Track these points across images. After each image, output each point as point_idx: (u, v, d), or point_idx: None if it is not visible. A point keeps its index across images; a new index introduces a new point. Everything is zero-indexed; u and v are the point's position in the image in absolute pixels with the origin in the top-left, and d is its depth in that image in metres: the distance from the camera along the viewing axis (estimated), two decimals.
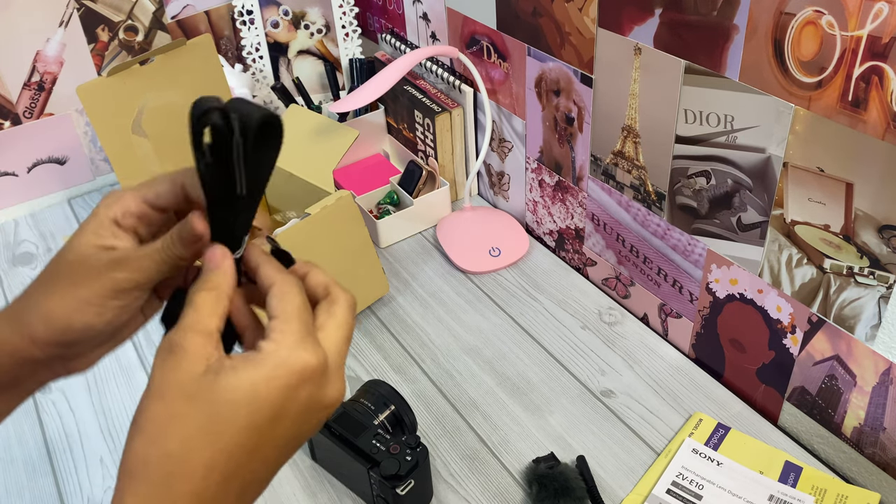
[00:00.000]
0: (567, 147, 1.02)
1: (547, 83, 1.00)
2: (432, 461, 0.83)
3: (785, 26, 0.67)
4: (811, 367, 0.80)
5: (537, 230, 1.17)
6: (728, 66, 0.74)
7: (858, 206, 0.68)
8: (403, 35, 1.30)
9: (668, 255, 0.93)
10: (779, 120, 0.72)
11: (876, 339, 0.72)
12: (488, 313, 1.02)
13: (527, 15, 0.98)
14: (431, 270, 1.11)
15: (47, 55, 1.22)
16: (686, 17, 0.76)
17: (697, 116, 0.80)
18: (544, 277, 1.08)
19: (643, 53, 0.83)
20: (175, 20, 1.30)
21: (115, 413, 0.92)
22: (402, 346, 0.98)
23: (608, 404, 0.88)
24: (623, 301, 1.04)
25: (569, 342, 0.97)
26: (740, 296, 0.85)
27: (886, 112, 0.62)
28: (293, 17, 1.32)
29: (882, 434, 0.76)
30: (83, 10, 1.22)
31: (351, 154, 1.28)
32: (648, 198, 0.91)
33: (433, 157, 1.20)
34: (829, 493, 0.76)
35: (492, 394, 0.91)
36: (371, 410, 0.79)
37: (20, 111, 1.23)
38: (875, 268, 0.69)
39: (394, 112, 1.27)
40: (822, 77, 0.66)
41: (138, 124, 0.95)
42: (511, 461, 0.83)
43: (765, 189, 0.76)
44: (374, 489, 0.75)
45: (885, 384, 0.73)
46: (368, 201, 1.20)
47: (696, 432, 0.83)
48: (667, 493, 0.77)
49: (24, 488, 0.85)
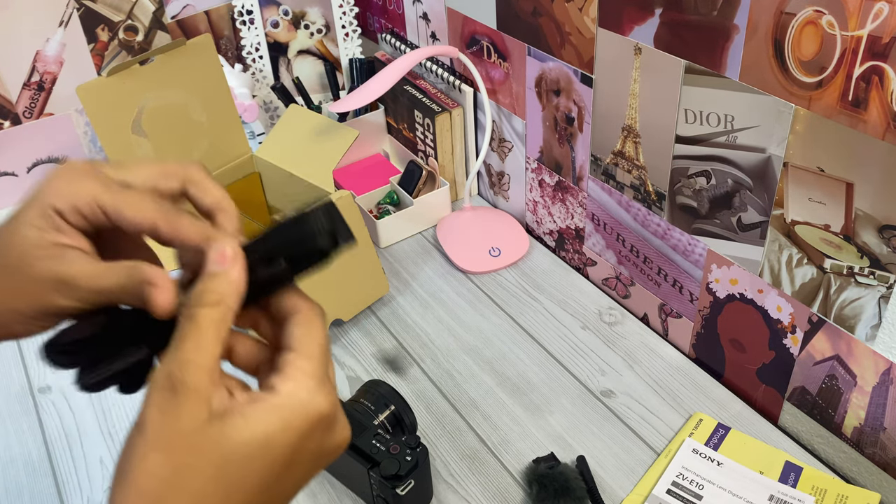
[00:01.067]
0: (567, 147, 1.02)
1: (547, 83, 1.00)
2: (432, 461, 0.83)
3: (785, 26, 0.67)
4: (811, 367, 0.80)
5: (537, 230, 1.17)
6: (728, 66, 0.74)
7: (859, 206, 0.68)
8: (403, 35, 1.30)
9: (668, 255, 0.93)
10: (779, 120, 0.72)
11: (876, 339, 0.72)
12: (488, 313, 1.02)
13: (527, 15, 0.98)
14: (431, 270, 1.11)
15: (47, 55, 1.22)
16: (686, 17, 0.76)
17: (697, 116, 0.80)
18: (544, 277, 1.08)
19: (643, 53, 0.83)
20: (175, 20, 1.30)
21: (115, 413, 0.92)
22: (403, 347, 0.98)
23: (608, 404, 0.88)
24: (623, 301, 1.04)
25: (569, 342, 0.97)
26: (740, 296, 0.85)
27: (886, 112, 0.62)
28: (293, 16, 1.32)
29: (882, 434, 0.76)
30: (83, 10, 1.22)
31: (351, 154, 1.28)
32: (648, 198, 0.91)
33: (433, 157, 1.20)
34: (830, 493, 0.76)
35: (492, 394, 0.91)
36: (371, 410, 0.79)
37: (20, 111, 1.23)
38: (875, 268, 0.69)
39: (394, 112, 1.27)
40: (822, 77, 0.66)
41: (138, 124, 0.95)
42: (511, 461, 0.83)
43: (765, 189, 0.76)
44: (374, 489, 0.74)
45: (886, 384, 0.73)
46: (368, 201, 1.20)
47: (697, 432, 0.83)
48: (667, 493, 0.77)
49: (23, 488, 0.85)
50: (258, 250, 0.38)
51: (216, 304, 0.35)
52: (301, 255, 0.38)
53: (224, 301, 0.36)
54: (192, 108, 1.00)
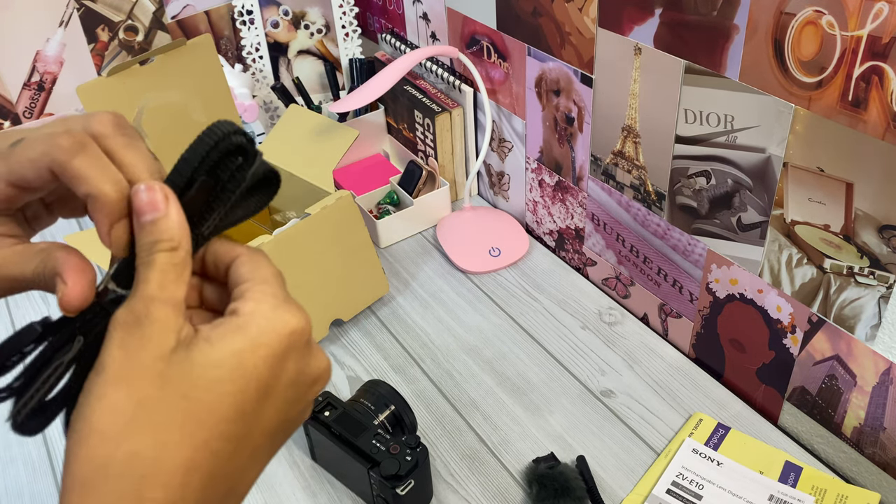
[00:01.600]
0: (567, 147, 1.02)
1: (547, 83, 1.00)
2: (432, 461, 0.83)
3: (785, 26, 0.67)
4: (811, 367, 0.80)
5: (537, 230, 1.17)
6: (728, 66, 0.74)
7: (858, 206, 0.68)
8: (403, 35, 1.30)
9: (668, 255, 0.93)
10: (779, 120, 0.72)
11: (876, 339, 0.72)
12: (488, 313, 1.02)
13: (527, 15, 0.98)
14: (431, 270, 1.11)
15: (47, 55, 1.22)
16: (686, 17, 0.76)
17: (697, 116, 0.80)
18: (544, 277, 1.08)
19: (643, 53, 0.83)
20: (175, 20, 1.30)
21: None
22: (402, 346, 0.98)
23: (608, 404, 0.88)
24: (623, 301, 1.04)
25: (569, 342, 0.97)
26: (740, 296, 0.85)
27: (886, 112, 0.62)
28: (293, 17, 1.32)
29: (882, 434, 0.76)
30: (83, 10, 1.22)
31: (351, 154, 1.28)
32: (648, 198, 0.91)
33: (433, 157, 1.20)
34: (830, 493, 0.76)
35: (492, 394, 0.91)
36: (371, 410, 0.79)
37: (20, 111, 1.23)
38: (875, 268, 0.69)
39: (394, 112, 1.27)
40: (822, 77, 0.66)
41: (138, 124, 0.95)
42: (511, 461, 0.83)
43: (765, 189, 0.76)
44: (374, 489, 0.74)
45: (885, 384, 0.73)
46: (368, 201, 1.20)
47: (696, 432, 0.83)
48: (667, 493, 0.77)
49: (23, 488, 0.85)
50: (177, 181, 0.35)
51: (173, 249, 0.33)
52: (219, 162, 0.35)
53: (180, 244, 0.33)
54: (192, 108, 1.00)
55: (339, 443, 0.76)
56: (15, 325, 1.07)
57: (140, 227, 0.33)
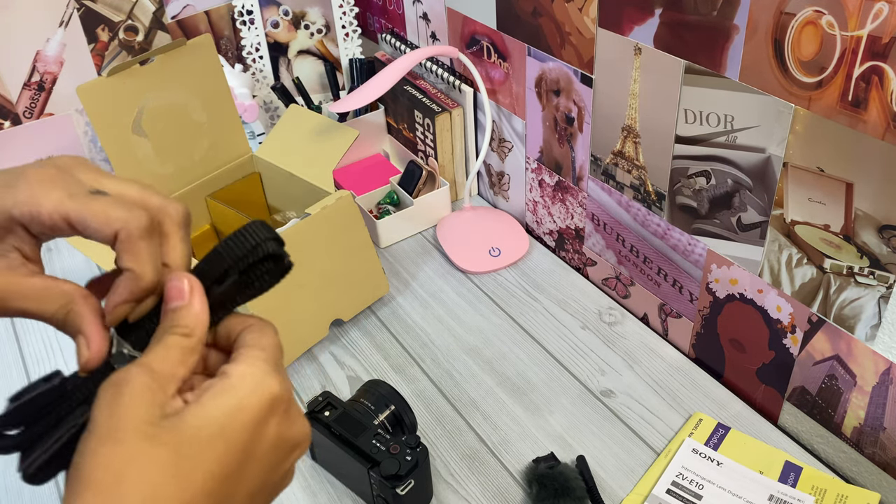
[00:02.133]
0: (567, 147, 1.02)
1: (547, 83, 1.00)
2: (432, 461, 0.83)
3: (785, 26, 0.67)
4: (811, 367, 0.80)
5: (537, 230, 1.17)
6: (728, 66, 0.74)
7: (858, 206, 0.68)
8: (403, 35, 1.30)
9: (668, 255, 0.93)
10: (779, 120, 0.72)
11: (876, 339, 0.72)
12: (488, 313, 1.02)
13: (527, 15, 0.98)
14: (431, 270, 1.11)
15: (47, 55, 1.22)
16: (686, 17, 0.76)
17: (697, 116, 0.80)
18: (544, 277, 1.08)
19: (643, 53, 0.83)
20: (175, 20, 1.30)
21: None
22: (402, 346, 0.98)
23: (608, 404, 0.88)
24: (623, 301, 1.04)
25: (569, 342, 0.97)
26: (740, 296, 0.85)
27: (886, 112, 0.62)
28: (293, 17, 1.32)
29: (882, 434, 0.76)
30: (83, 10, 1.22)
31: (351, 154, 1.28)
32: (648, 198, 0.91)
33: (433, 157, 1.20)
34: (829, 493, 0.76)
35: (492, 394, 0.91)
36: (371, 410, 0.79)
37: (20, 111, 1.23)
38: (875, 268, 0.70)
39: (394, 112, 1.27)
40: (822, 77, 0.66)
41: (138, 124, 0.95)
42: (511, 461, 0.83)
43: (765, 189, 0.76)
44: (374, 489, 0.75)
45: (885, 384, 0.73)
46: (368, 201, 1.20)
47: (696, 432, 0.83)
48: (667, 493, 0.77)
49: (23, 488, 0.85)
50: (209, 272, 0.38)
51: (186, 336, 0.36)
52: (251, 265, 0.38)
53: (194, 332, 0.37)
54: (192, 108, 1.00)
55: (339, 443, 0.76)
56: (17, 329, 1.07)
57: (165, 310, 0.37)
